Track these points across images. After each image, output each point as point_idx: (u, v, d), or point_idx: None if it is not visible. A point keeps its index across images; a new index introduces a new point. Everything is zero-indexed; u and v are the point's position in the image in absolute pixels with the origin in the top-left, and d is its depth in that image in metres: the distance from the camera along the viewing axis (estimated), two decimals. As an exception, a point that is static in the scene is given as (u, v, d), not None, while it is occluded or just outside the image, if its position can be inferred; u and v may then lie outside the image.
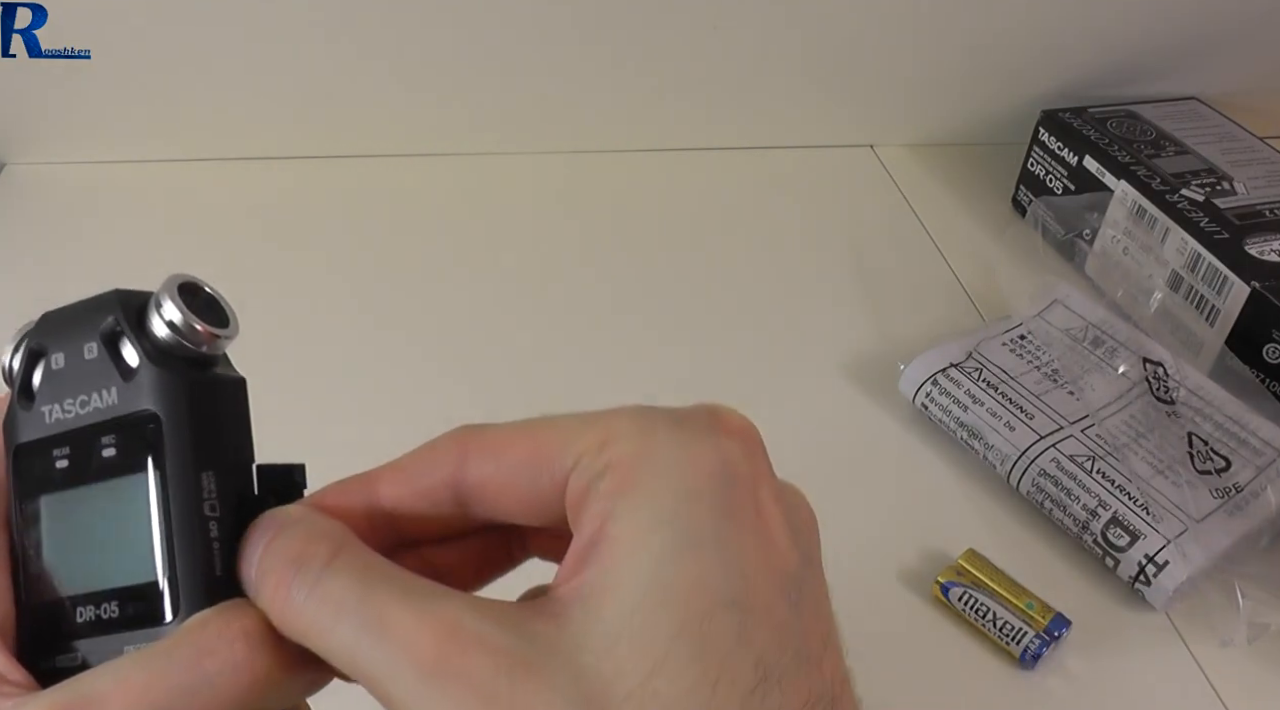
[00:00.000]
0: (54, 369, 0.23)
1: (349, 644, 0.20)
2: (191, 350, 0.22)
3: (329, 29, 0.70)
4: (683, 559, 0.19)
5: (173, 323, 0.22)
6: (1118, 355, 0.57)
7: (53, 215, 0.70)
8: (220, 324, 0.23)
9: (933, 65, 0.77)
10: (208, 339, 0.23)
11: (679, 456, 0.21)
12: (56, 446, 0.23)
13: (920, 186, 0.77)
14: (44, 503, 0.23)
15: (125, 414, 0.22)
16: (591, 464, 0.21)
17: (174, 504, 0.22)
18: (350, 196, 0.73)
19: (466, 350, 0.61)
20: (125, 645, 0.22)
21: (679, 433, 0.21)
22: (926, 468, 0.55)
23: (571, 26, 0.72)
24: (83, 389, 0.23)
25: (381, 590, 0.20)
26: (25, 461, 0.24)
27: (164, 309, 0.22)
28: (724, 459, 0.21)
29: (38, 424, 0.23)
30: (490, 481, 0.22)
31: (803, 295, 0.67)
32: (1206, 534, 0.48)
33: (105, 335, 0.23)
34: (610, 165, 0.77)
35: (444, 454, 0.23)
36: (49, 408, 0.23)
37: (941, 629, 0.47)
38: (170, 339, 0.22)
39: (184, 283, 0.23)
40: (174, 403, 0.22)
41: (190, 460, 0.22)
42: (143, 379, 0.22)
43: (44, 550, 0.23)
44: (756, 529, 0.21)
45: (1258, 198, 0.64)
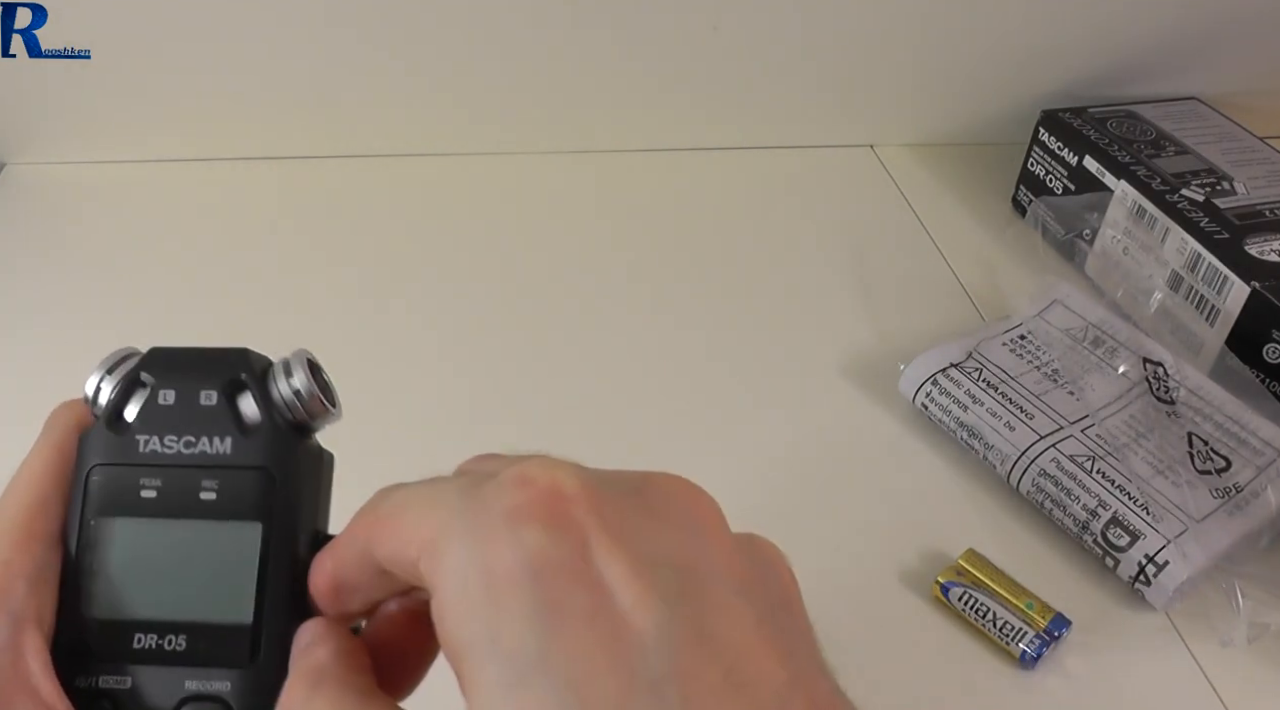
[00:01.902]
0: (159, 404, 0.24)
1: None
2: (304, 419, 0.24)
3: (329, 29, 0.70)
4: (520, 695, 0.18)
5: (298, 390, 0.24)
6: (1118, 355, 0.57)
7: (53, 215, 0.70)
8: (332, 401, 0.25)
9: (933, 65, 0.77)
10: (321, 412, 0.24)
11: (479, 567, 0.19)
12: (147, 476, 0.24)
13: (920, 186, 0.77)
14: (120, 525, 0.24)
15: (238, 464, 0.23)
16: (427, 564, 0.20)
17: (275, 557, 0.23)
18: (350, 196, 0.73)
19: (466, 349, 0.61)
20: (187, 680, 0.22)
21: (477, 529, 0.19)
22: (926, 468, 0.55)
23: (572, 26, 0.72)
24: (191, 430, 0.24)
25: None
26: (104, 481, 0.24)
27: (293, 376, 0.24)
28: (530, 552, 0.19)
29: (128, 450, 0.24)
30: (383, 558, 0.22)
31: (803, 295, 0.67)
32: (1206, 534, 0.48)
33: (227, 385, 0.24)
34: (610, 165, 0.77)
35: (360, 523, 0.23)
36: (145, 438, 0.24)
37: (941, 629, 0.47)
38: (290, 403, 0.24)
39: (310, 358, 0.25)
40: (290, 464, 0.24)
41: (296, 521, 0.23)
42: (261, 436, 0.24)
43: (109, 570, 0.24)
44: (587, 615, 0.18)
45: (1258, 198, 0.64)
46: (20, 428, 0.61)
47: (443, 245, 0.69)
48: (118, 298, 0.63)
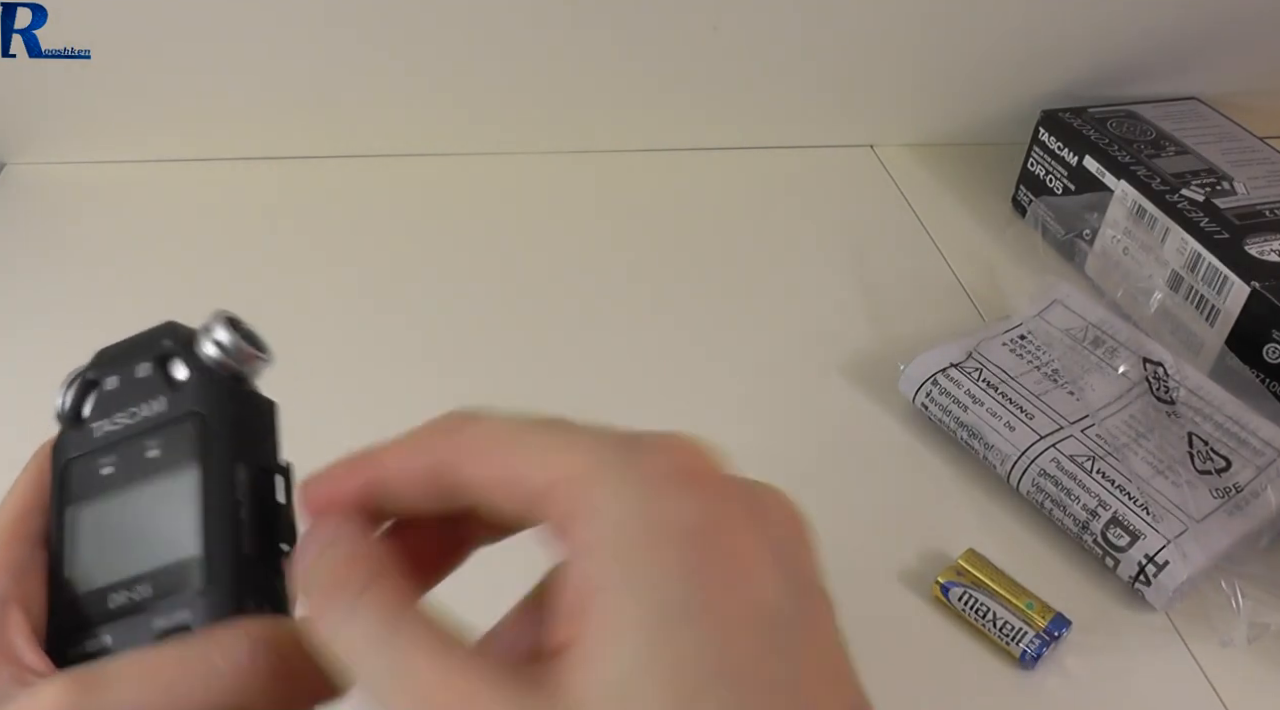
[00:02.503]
0: (107, 390, 0.26)
1: (375, 676, 0.21)
2: (234, 368, 0.26)
3: (329, 29, 0.70)
4: (666, 637, 0.20)
5: (220, 342, 0.25)
6: (1118, 355, 0.57)
7: (53, 215, 0.70)
8: (260, 349, 0.26)
9: (933, 65, 0.77)
10: (249, 359, 0.26)
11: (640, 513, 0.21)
12: (103, 455, 0.26)
13: (920, 186, 0.77)
14: (85, 507, 0.25)
15: (172, 416, 0.25)
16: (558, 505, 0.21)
17: (210, 487, 0.24)
18: (350, 196, 0.73)
19: (466, 349, 0.61)
20: (154, 621, 0.24)
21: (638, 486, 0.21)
22: (926, 468, 0.55)
23: (572, 26, 0.72)
24: (133, 403, 0.26)
25: (407, 633, 0.21)
26: (72, 473, 0.26)
27: (214, 332, 0.25)
28: (689, 515, 0.21)
29: (87, 440, 0.26)
30: (476, 482, 0.23)
31: (803, 295, 0.67)
32: (1206, 534, 0.48)
33: (158, 355, 0.26)
34: (610, 165, 0.77)
35: (438, 436, 0.24)
36: (99, 423, 0.26)
37: (941, 629, 0.47)
38: (217, 357, 0.25)
39: (229, 316, 0.26)
40: (215, 403, 0.25)
41: (226, 451, 0.24)
42: (189, 386, 0.25)
43: (82, 550, 0.25)
44: (732, 582, 0.20)
45: (1258, 198, 0.64)
46: (20, 427, 0.61)
47: (443, 245, 0.69)
48: (118, 298, 0.63)
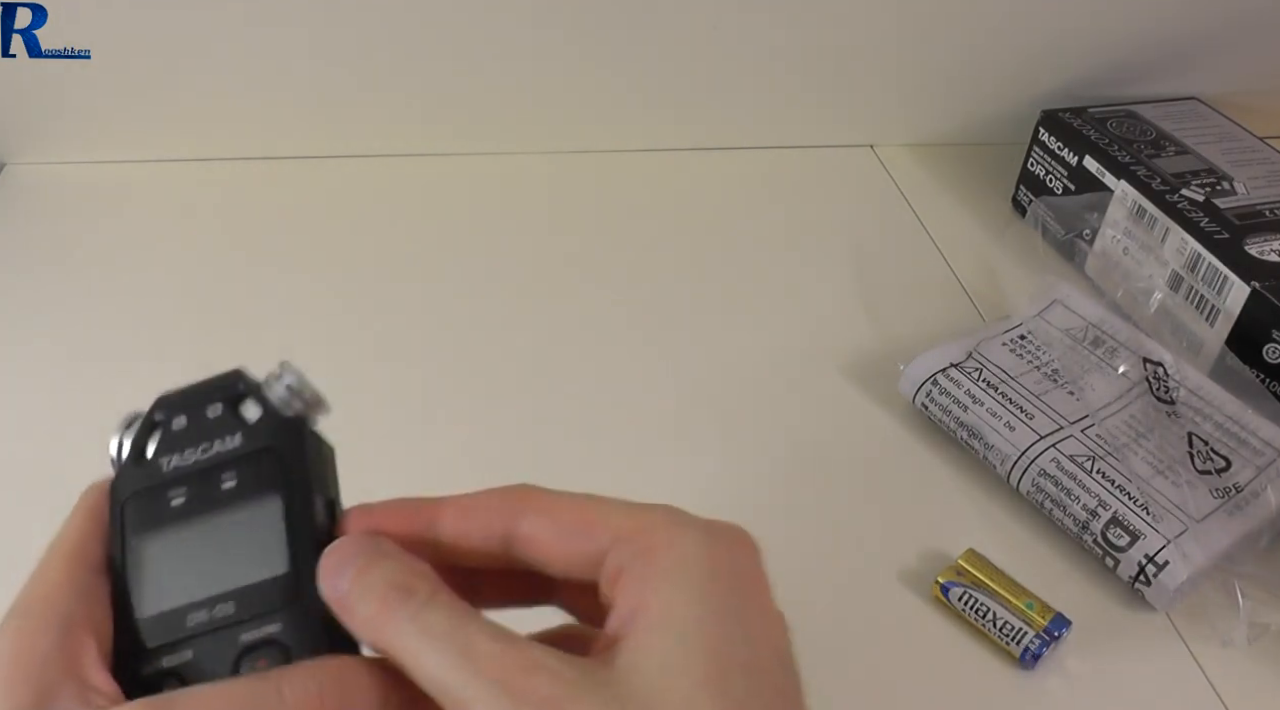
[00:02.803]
0: (174, 430, 0.27)
1: (434, 663, 0.23)
2: (300, 412, 0.27)
3: (329, 29, 0.70)
4: (707, 629, 0.24)
5: (290, 387, 0.27)
6: (1118, 355, 0.57)
7: (53, 215, 0.70)
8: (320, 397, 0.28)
9: (933, 65, 0.77)
10: (314, 404, 0.27)
11: (703, 552, 0.25)
12: (173, 487, 0.27)
13: (920, 186, 0.77)
14: (156, 536, 0.26)
15: (249, 450, 0.26)
16: (628, 547, 0.26)
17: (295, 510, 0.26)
18: (350, 196, 0.73)
19: (466, 350, 0.61)
20: (241, 635, 0.25)
21: (703, 535, 0.26)
22: (926, 468, 0.55)
23: (571, 27, 0.72)
24: (205, 439, 0.27)
25: (471, 626, 0.24)
26: (136, 505, 0.27)
27: (284, 378, 0.27)
28: (736, 558, 0.26)
29: (154, 474, 0.27)
30: (539, 536, 0.27)
31: (803, 295, 0.67)
32: (1206, 534, 0.48)
33: (230, 397, 0.27)
34: (610, 165, 0.77)
35: (505, 502, 0.27)
36: (167, 458, 0.27)
37: (941, 629, 0.47)
38: (287, 400, 0.27)
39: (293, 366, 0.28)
40: (291, 438, 0.27)
41: (305, 480, 0.26)
42: (264, 424, 0.27)
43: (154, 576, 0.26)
44: (762, 610, 0.25)
45: (1258, 198, 0.64)
46: (21, 427, 0.61)
47: (443, 245, 0.69)
48: (118, 298, 0.63)
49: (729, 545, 0.26)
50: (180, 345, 0.59)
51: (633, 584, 0.25)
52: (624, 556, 0.25)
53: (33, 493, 0.52)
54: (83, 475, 0.54)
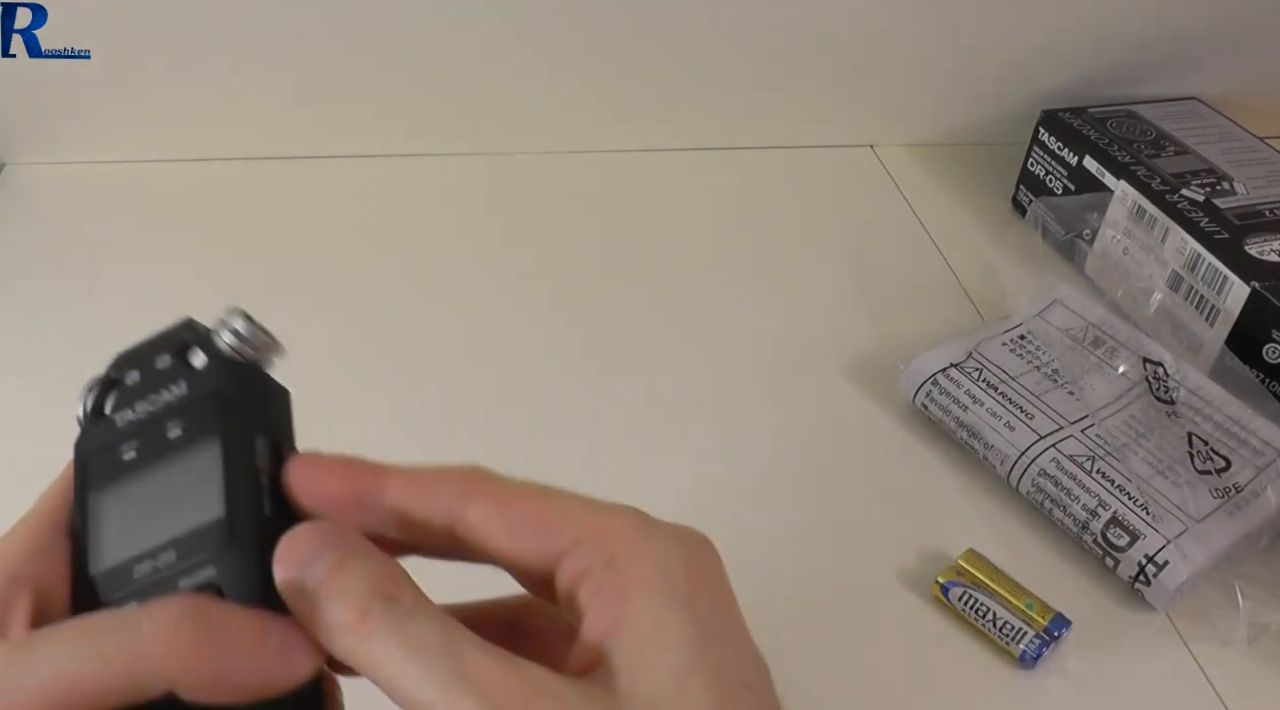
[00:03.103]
0: (127, 385, 0.27)
1: (421, 683, 0.22)
2: (251, 356, 0.27)
3: (329, 29, 0.70)
4: (707, 650, 0.24)
5: (237, 332, 0.27)
6: (1118, 355, 0.57)
7: (53, 215, 0.70)
8: (272, 339, 0.27)
9: (933, 65, 0.77)
10: (264, 348, 0.27)
11: (678, 563, 0.25)
12: (125, 442, 0.26)
13: (920, 186, 0.77)
14: (109, 491, 0.26)
15: (193, 396, 0.26)
16: (592, 551, 0.24)
17: (231, 453, 0.25)
18: (349, 196, 0.73)
19: (465, 350, 0.61)
20: (180, 581, 0.24)
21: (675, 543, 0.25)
22: (926, 468, 0.55)
23: (570, 27, 0.72)
24: (154, 391, 0.27)
25: (462, 641, 0.23)
26: (93, 462, 0.27)
27: (230, 323, 0.27)
28: (709, 570, 0.25)
29: (109, 431, 0.27)
30: (486, 525, 0.25)
31: (803, 295, 0.67)
32: (1206, 534, 0.48)
33: (177, 348, 0.27)
34: (609, 165, 0.77)
35: (454, 482, 0.26)
36: (121, 414, 0.27)
37: (941, 629, 0.47)
38: (235, 345, 0.27)
39: (242, 311, 0.27)
40: (233, 381, 0.26)
41: (244, 422, 0.26)
42: (208, 370, 0.26)
43: (105, 531, 0.26)
44: (739, 623, 0.25)
45: (1258, 198, 0.64)
46: (21, 426, 0.61)
47: (442, 245, 0.69)
48: (118, 298, 0.63)
49: (700, 555, 0.25)
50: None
51: (609, 594, 0.24)
52: (589, 560, 0.24)
53: (32, 492, 0.52)
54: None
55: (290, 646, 0.23)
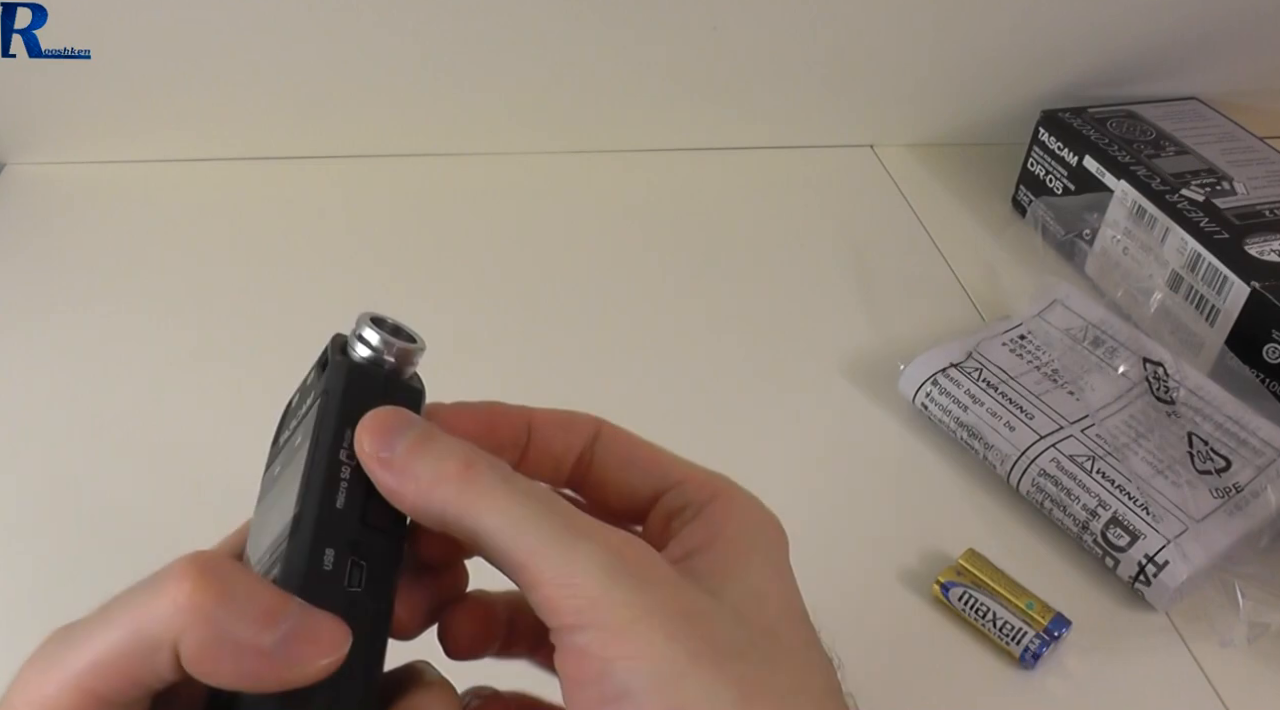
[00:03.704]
0: (291, 408, 0.28)
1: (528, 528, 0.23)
2: (389, 363, 0.26)
3: (329, 29, 0.70)
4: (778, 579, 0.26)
5: (362, 336, 0.27)
6: (1118, 355, 0.57)
7: (53, 215, 0.70)
8: (408, 339, 0.27)
9: (933, 65, 0.77)
10: (398, 351, 0.27)
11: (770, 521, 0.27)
12: (275, 459, 0.27)
13: (920, 186, 0.77)
14: (258, 508, 0.27)
15: (309, 405, 0.26)
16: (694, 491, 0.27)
17: (317, 450, 0.25)
18: (350, 196, 0.73)
19: (466, 349, 0.61)
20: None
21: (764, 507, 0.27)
22: (926, 468, 0.55)
23: (571, 27, 0.72)
24: (300, 407, 0.27)
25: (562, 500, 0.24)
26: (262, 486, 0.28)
27: (359, 328, 0.27)
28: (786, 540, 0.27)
29: (273, 454, 0.28)
30: (609, 458, 0.28)
31: (803, 295, 0.67)
32: (1206, 534, 0.48)
33: (320, 362, 0.27)
34: (609, 165, 0.77)
35: (589, 419, 0.28)
36: (283, 435, 0.28)
37: (941, 629, 0.47)
38: (367, 355, 0.26)
39: (373, 315, 0.27)
40: (341, 381, 0.26)
41: (336, 414, 0.25)
42: (323, 376, 0.26)
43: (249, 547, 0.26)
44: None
45: (1258, 198, 0.64)
46: (21, 425, 0.61)
47: (443, 246, 0.69)
48: (117, 298, 0.63)
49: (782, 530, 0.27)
50: (180, 345, 0.59)
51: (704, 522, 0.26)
52: (691, 497, 0.27)
53: (33, 492, 0.52)
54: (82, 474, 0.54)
55: (306, 637, 0.22)
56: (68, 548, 0.48)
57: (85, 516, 0.50)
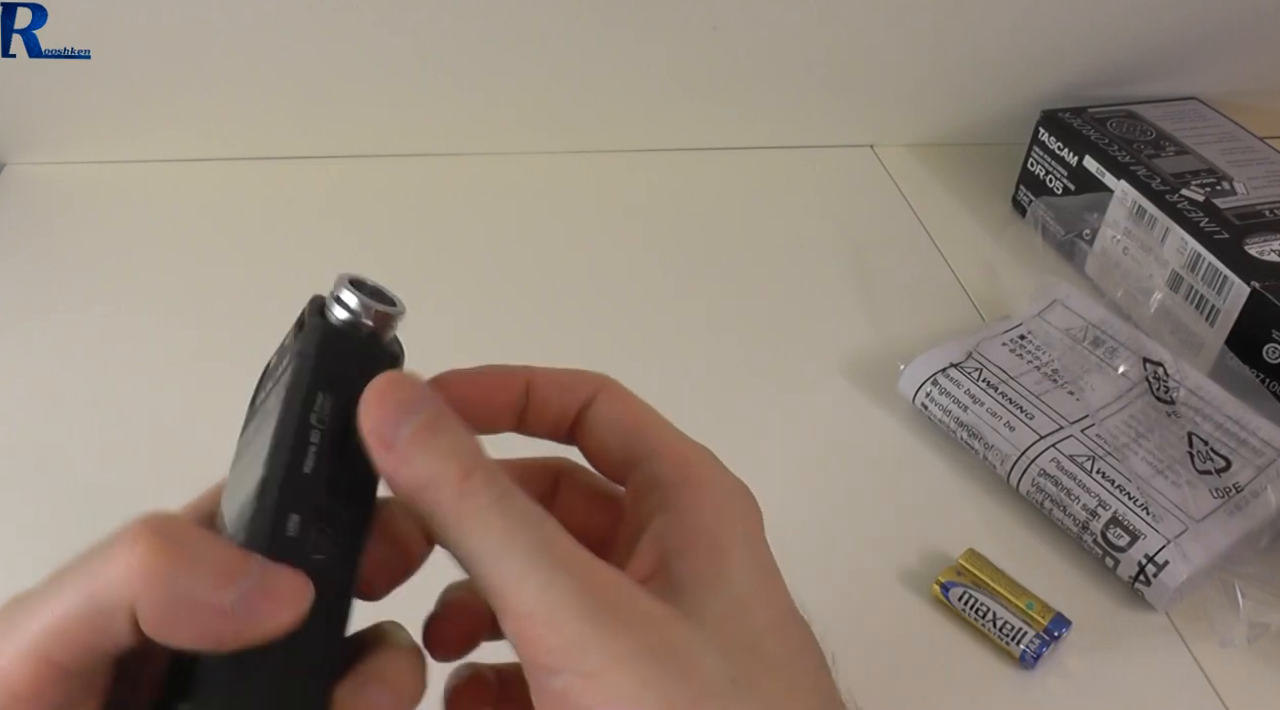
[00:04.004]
0: (269, 369, 0.27)
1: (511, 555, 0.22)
2: (367, 326, 0.26)
3: (329, 29, 0.70)
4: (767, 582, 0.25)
5: (339, 298, 0.26)
6: (1118, 355, 0.57)
7: (53, 215, 0.70)
8: (387, 302, 0.26)
9: (933, 65, 0.77)
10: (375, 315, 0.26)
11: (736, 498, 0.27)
12: (249, 422, 0.27)
13: (920, 186, 0.77)
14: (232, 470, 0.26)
15: (284, 367, 0.25)
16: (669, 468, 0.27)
17: (286, 413, 0.24)
18: (350, 196, 0.73)
19: (465, 350, 0.61)
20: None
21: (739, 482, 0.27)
22: (926, 468, 0.55)
23: (571, 27, 0.72)
24: (276, 369, 0.26)
25: (555, 525, 0.23)
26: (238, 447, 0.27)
27: (337, 290, 0.26)
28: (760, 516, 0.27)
29: (250, 415, 0.27)
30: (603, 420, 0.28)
31: (803, 295, 0.67)
32: (1206, 534, 0.48)
33: (297, 324, 0.27)
34: (610, 165, 0.77)
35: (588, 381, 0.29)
36: (259, 397, 0.27)
37: (941, 629, 0.47)
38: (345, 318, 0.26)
39: (351, 277, 0.27)
40: (315, 343, 0.25)
41: (309, 378, 0.24)
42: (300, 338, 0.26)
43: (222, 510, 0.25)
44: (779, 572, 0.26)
45: (1258, 198, 0.64)
46: (22, 424, 0.61)
47: (443, 246, 0.69)
48: (117, 297, 0.63)
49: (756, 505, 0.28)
50: (180, 344, 0.59)
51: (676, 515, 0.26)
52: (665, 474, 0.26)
53: (33, 491, 0.52)
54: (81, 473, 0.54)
55: (266, 594, 0.22)
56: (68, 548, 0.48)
57: (85, 518, 0.50)
